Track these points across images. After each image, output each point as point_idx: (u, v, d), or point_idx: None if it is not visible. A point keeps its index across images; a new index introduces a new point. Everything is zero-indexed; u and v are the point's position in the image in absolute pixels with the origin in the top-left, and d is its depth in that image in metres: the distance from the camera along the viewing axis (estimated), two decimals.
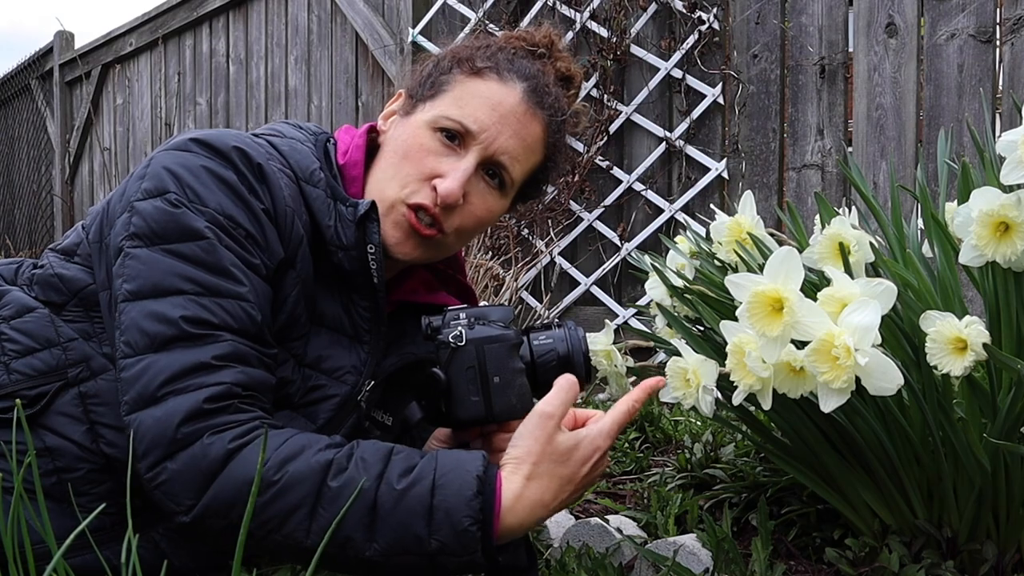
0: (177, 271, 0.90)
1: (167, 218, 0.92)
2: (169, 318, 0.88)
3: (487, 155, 1.05)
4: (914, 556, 1.16)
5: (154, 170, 0.95)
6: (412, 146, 1.05)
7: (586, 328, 1.07)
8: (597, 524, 1.39)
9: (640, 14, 3.00)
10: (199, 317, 0.89)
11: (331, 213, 1.02)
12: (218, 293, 0.91)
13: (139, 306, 0.90)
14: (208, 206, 0.93)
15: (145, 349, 0.88)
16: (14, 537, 0.75)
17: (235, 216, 0.94)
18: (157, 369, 0.87)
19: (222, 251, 0.92)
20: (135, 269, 0.91)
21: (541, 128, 1.09)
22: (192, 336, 0.88)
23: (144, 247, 0.92)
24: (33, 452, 0.82)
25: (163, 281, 0.90)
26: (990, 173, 1.12)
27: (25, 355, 0.97)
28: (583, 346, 1.01)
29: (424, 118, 1.06)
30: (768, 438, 1.38)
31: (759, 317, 0.98)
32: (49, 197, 6.37)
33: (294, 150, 1.04)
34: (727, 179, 2.83)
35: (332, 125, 4.16)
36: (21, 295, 1.01)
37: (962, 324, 0.98)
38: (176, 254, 0.91)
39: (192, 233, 0.92)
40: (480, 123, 1.04)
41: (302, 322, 1.02)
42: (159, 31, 5.24)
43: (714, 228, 1.39)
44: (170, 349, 0.88)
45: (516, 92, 1.06)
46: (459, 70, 1.07)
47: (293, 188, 1.01)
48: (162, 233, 0.92)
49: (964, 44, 2.32)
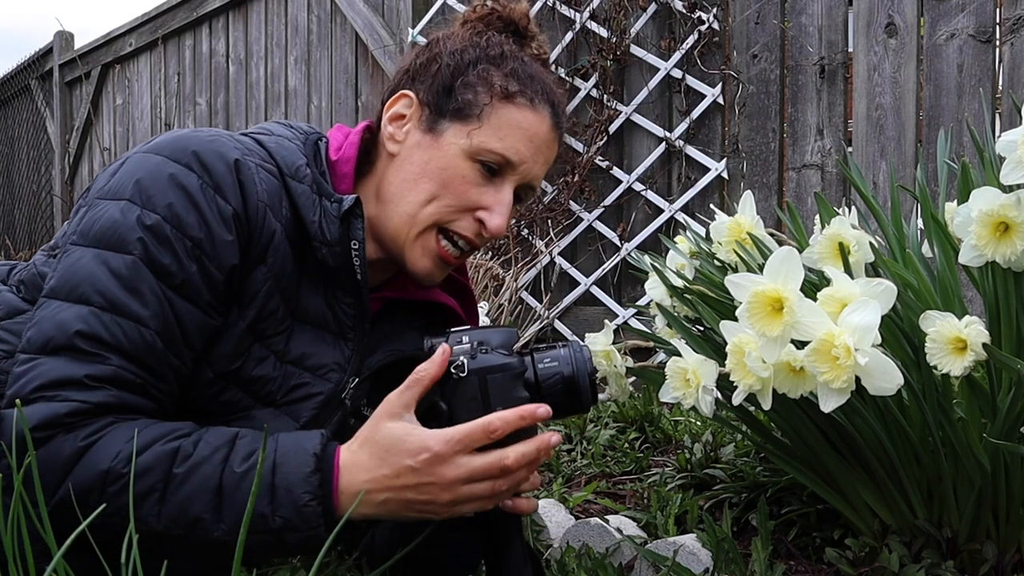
0: (93, 281, 0.92)
1: (109, 224, 0.94)
2: (66, 328, 0.91)
3: (523, 183, 1.09)
4: (914, 556, 1.16)
5: (125, 171, 0.97)
6: (453, 176, 1.05)
7: (586, 328, 1.07)
8: (597, 524, 1.39)
9: (640, 14, 3.00)
10: (94, 333, 0.91)
11: (316, 208, 1.03)
12: (121, 312, 0.92)
13: (52, 306, 0.93)
14: (157, 212, 0.94)
15: (39, 350, 0.91)
16: (14, 537, 0.75)
17: (184, 223, 0.94)
18: (38, 372, 0.90)
19: (143, 270, 0.93)
20: (64, 267, 0.94)
21: (558, 146, 1.13)
22: (80, 351, 0.91)
23: (82, 246, 0.95)
24: (33, 452, 0.82)
25: (79, 286, 0.93)
26: (990, 173, 1.12)
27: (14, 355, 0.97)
28: (589, 367, 0.99)
29: (461, 146, 1.05)
30: (768, 438, 1.38)
31: (759, 317, 0.98)
32: (49, 197, 6.37)
33: (280, 146, 1.05)
34: (727, 179, 2.83)
35: (332, 125, 4.14)
36: (10, 296, 1.02)
37: (962, 324, 0.98)
38: (102, 261, 0.93)
39: (123, 244, 0.93)
40: (520, 156, 1.06)
41: (279, 317, 1.02)
42: (159, 31, 5.25)
43: (714, 228, 1.39)
44: (58, 356, 0.90)
45: (546, 119, 1.09)
46: (488, 92, 1.06)
47: (273, 183, 1.01)
48: (101, 237, 0.94)
49: (964, 44, 2.33)
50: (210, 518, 0.89)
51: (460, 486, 0.91)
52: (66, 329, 0.91)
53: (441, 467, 0.90)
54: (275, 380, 1.02)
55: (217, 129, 1.03)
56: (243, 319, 0.99)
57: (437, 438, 0.91)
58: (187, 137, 0.99)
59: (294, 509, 0.89)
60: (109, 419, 0.91)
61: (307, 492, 0.89)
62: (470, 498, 0.92)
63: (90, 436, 0.89)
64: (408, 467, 0.90)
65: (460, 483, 0.91)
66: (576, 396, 0.98)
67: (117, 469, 0.88)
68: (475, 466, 0.91)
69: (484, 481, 0.92)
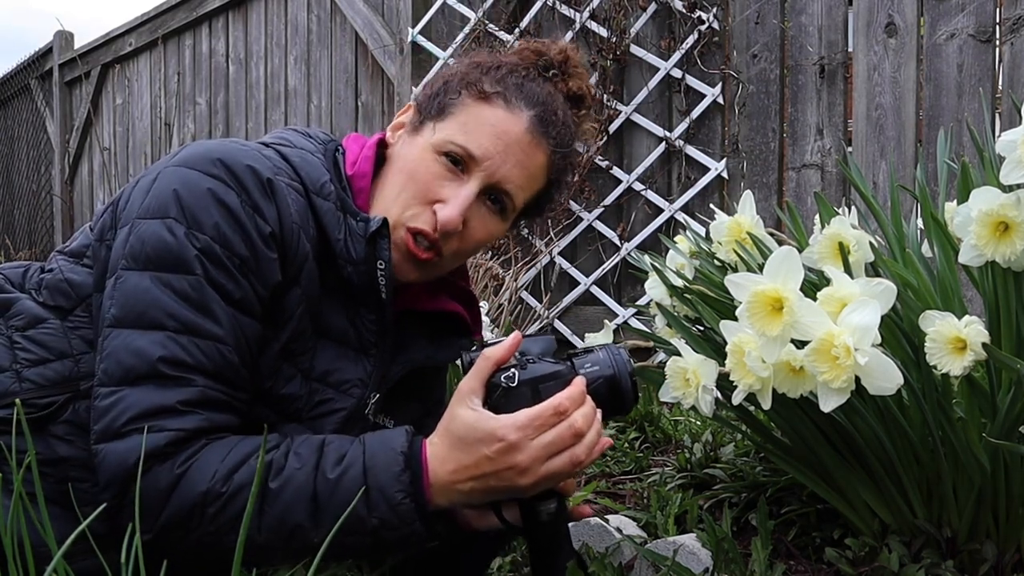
0: (162, 305, 0.92)
1: (162, 246, 0.93)
2: (146, 355, 0.91)
3: (490, 183, 1.06)
4: (914, 556, 1.16)
5: (159, 188, 0.96)
6: (417, 168, 1.05)
7: (586, 328, 1.07)
8: (597, 524, 1.39)
9: (640, 14, 3.00)
10: (175, 357, 0.91)
11: (341, 227, 1.02)
12: (197, 333, 0.92)
13: (123, 335, 0.92)
14: (205, 233, 0.94)
15: (120, 382, 0.91)
16: (14, 538, 0.75)
17: (231, 243, 0.94)
18: (126, 404, 0.90)
19: (207, 289, 0.93)
20: (124, 294, 0.93)
21: (545, 156, 1.09)
22: (165, 376, 0.91)
23: (136, 270, 0.94)
24: (33, 452, 0.82)
25: (147, 312, 0.92)
26: (990, 173, 1.12)
27: (38, 365, 0.97)
28: (629, 367, 0.99)
29: (430, 140, 1.06)
30: (768, 438, 1.38)
31: (759, 317, 0.98)
32: (49, 197, 6.37)
33: (304, 161, 1.04)
34: (727, 179, 2.83)
35: (332, 125, 4.16)
36: (31, 304, 1.00)
37: (962, 324, 0.98)
38: (164, 284, 0.93)
39: (183, 265, 0.93)
40: (484, 150, 1.04)
41: (307, 336, 1.02)
42: (159, 31, 5.24)
43: (714, 228, 1.39)
44: (142, 385, 0.91)
45: (522, 121, 1.06)
46: (467, 93, 1.06)
47: (301, 202, 1.01)
48: (156, 260, 0.93)
49: (964, 44, 2.33)
50: (309, 526, 0.90)
51: (539, 466, 0.92)
52: (147, 357, 0.91)
53: (515, 455, 0.91)
54: (302, 398, 1.03)
55: (242, 141, 1.02)
56: (278, 340, 1.00)
57: (507, 426, 0.91)
58: (218, 150, 0.98)
59: (389, 508, 0.90)
60: (202, 442, 0.92)
61: (400, 491, 0.91)
62: (551, 475, 0.93)
63: (185, 462, 0.90)
64: (485, 456, 0.91)
65: (538, 463, 0.92)
66: (620, 396, 0.99)
67: (216, 489, 0.89)
68: (548, 441, 0.92)
69: (561, 454, 0.92)
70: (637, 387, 1.00)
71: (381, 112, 3.87)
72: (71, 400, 0.97)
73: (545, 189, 1.13)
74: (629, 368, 0.99)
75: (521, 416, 0.91)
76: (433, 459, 0.93)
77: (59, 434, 0.97)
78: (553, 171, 1.11)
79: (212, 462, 0.90)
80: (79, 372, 0.98)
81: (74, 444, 0.97)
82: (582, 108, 1.15)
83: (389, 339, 1.10)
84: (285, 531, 0.90)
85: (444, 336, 1.17)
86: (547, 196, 1.15)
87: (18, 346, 0.98)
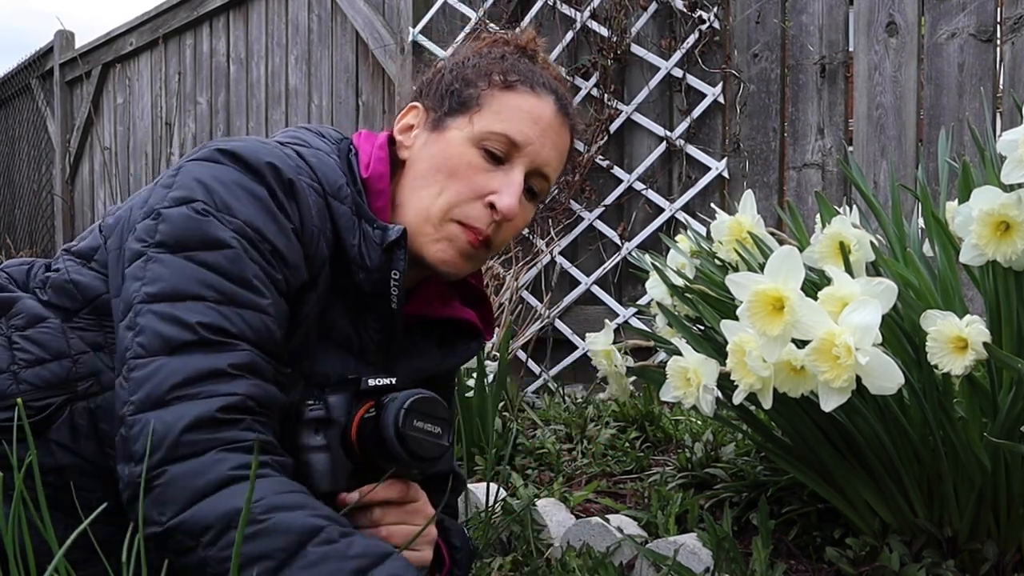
0: (199, 277, 0.89)
1: (194, 226, 0.91)
2: (186, 322, 0.87)
3: (532, 168, 1.06)
4: (914, 555, 1.16)
5: (183, 180, 0.94)
6: (459, 164, 1.04)
7: (586, 327, 1.07)
8: (598, 523, 1.39)
9: (640, 13, 3.00)
10: (217, 324, 0.87)
11: (355, 231, 1.01)
12: (238, 303, 0.89)
13: (157, 308, 0.88)
14: (237, 217, 0.92)
15: (159, 351, 0.86)
16: (15, 538, 0.75)
17: (263, 230, 0.92)
18: (169, 371, 0.85)
19: (246, 262, 0.90)
20: (156, 272, 0.90)
21: (570, 138, 1.11)
22: (209, 342, 0.86)
23: (168, 253, 0.90)
24: (34, 452, 0.81)
25: (184, 286, 0.88)
26: (991, 172, 1.12)
27: (35, 365, 0.95)
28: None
29: (464, 134, 1.05)
30: (769, 437, 1.38)
31: (760, 316, 0.98)
32: (49, 197, 6.37)
33: (322, 163, 1.03)
34: (727, 178, 2.83)
35: (332, 125, 4.15)
36: (33, 303, 0.99)
37: (963, 323, 0.98)
38: (200, 262, 0.89)
39: (218, 242, 0.90)
40: (525, 136, 1.05)
41: (311, 340, 1.01)
42: (159, 31, 5.24)
43: (714, 227, 1.39)
44: (186, 353, 0.86)
45: (550, 104, 1.07)
46: (490, 83, 1.06)
47: (320, 204, 0.99)
48: (187, 241, 0.90)
49: (965, 43, 2.32)
50: None
51: None
52: (188, 323, 0.86)
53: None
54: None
55: (263, 139, 1.01)
56: (291, 342, 0.98)
57: None
58: (241, 148, 0.96)
59: None
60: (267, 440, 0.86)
61: None
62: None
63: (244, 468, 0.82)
64: None
65: None
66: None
67: (252, 514, 0.79)
68: None
69: None
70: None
71: (382, 112, 3.87)
72: (68, 402, 0.95)
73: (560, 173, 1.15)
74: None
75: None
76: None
77: (58, 439, 0.94)
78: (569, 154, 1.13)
79: (267, 488, 0.82)
80: (76, 373, 0.96)
81: (74, 450, 0.94)
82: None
83: (394, 346, 1.09)
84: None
85: (454, 340, 1.16)
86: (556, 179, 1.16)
87: (16, 347, 0.96)
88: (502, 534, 1.48)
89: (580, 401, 2.47)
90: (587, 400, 2.45)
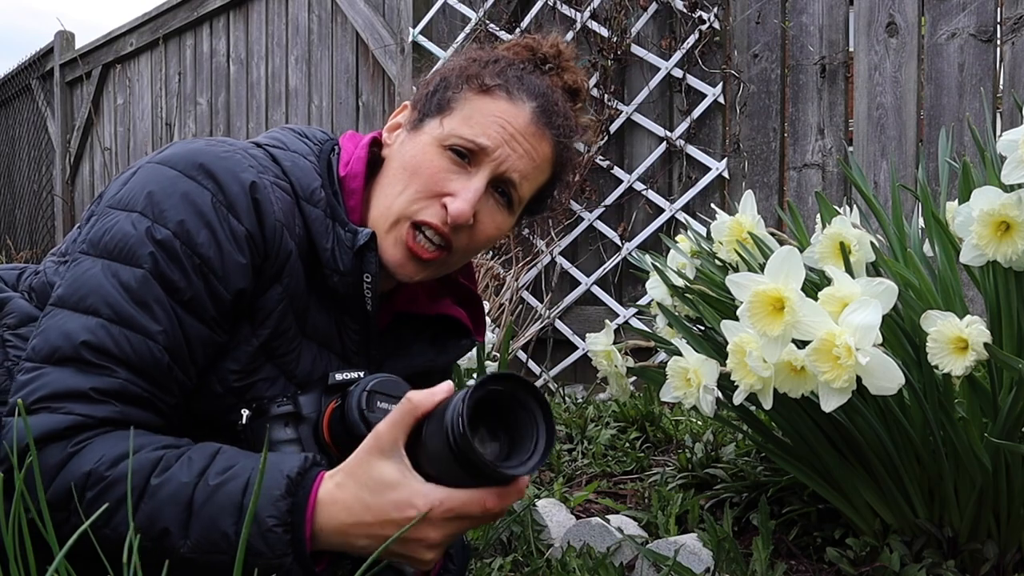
0: (102, 292, 0.91)
1: (120, 236, 0.93)
2: (73, 339, 0.90)
3: (497, 173, 1.05)
4: (915, 555, 1.16)
5: (135, 182, 0.97)
6: (422, 163, 1.04)
7: (587, 328, 1.07)
8: (598, 524, 1.39)
9: (640, 14, 3.00)
10: (101, 345, 0.90)
11: (329, 236, 1.01)
12: (130, 325, 0.91)
13: (60, 315, 0.92)
14: (168, 227, 0.93)
15: (44, 360, 0.90)
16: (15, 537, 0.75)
17: (194, 241, 0.93)
18: (42, 382, 0.89)
19: (153, 284, 0.92)
20: (72, 276, 0.93)
21: (550, 147, 1.09)
22: (86, 362, 0.89)
23: (90, 256, 0.94)
24: (34, 453, 0.81)
25: (87, 297, 0.92)
26: (991, 172, 1.12)
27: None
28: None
29: (433, 135, 1.05)
30: (769, 438, 1.38)
31: (760, 316, 0.98)
32: (50, 197, 6.37)
33: (296, 166, 1.03)
34: (728, 179, 2.83)
35: (332, 125, 4.16)
36: (23, 303, 1.01)
37: (963, 324, 0.98)
38: (112, 273, 0.92)
39: (134, 258, 0.92)
40: (491, 139, 1.04)
41: (290, 335, 1.01)
42: (160, 31, 5.25)
43: (715, 228, 1.39)
44: (63, 367, 0.89)
45: (525, 111, 1.06)
46: (468, 87, 1.06)
47: (287, 201, 1.00)
48: (110, 248, 0.93)
49: (965, 43, 2.32)
50: (177, 532, 0.85)
51: (444, 543, 0.86)
52: (73, 339, 0.89)
53: (429, 531, 0.83)
54: None
55: (231, 142, 1.02)
56: (256, 337, 0.99)
57: (430, 499, 0.82)
58: (201, 152, 0.97)
59: (257, 532, 0.82)
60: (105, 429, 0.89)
61: (273, 516, 0.82)
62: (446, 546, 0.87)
63: (79, 443, 0.87)
64: (392, 521, 0.83)
65: (447, 541, 0.85)
66: None
67: (99, 472, 0.85)
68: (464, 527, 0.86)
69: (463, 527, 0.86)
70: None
71: (382, 112, 3.87)
72: None
73: (549, 183, 1.13)
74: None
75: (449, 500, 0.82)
76: (329, 501, 0.85)
77: None
78: (556, 164, 1.11)
79: (103, 447, 0.87)
80: None
81: None
82: (578, 101, 1.15)
83: (372, 348, 1.09)
84: (154, 532, 0.85)
85: (445, 338, 1.17)
86: (549, 190, 1.14)
87: (9, 344, 0.98)
88: (502, 534, 1.48)
89: (580, 401, 2.47)
90: (587, 400, 2.45)
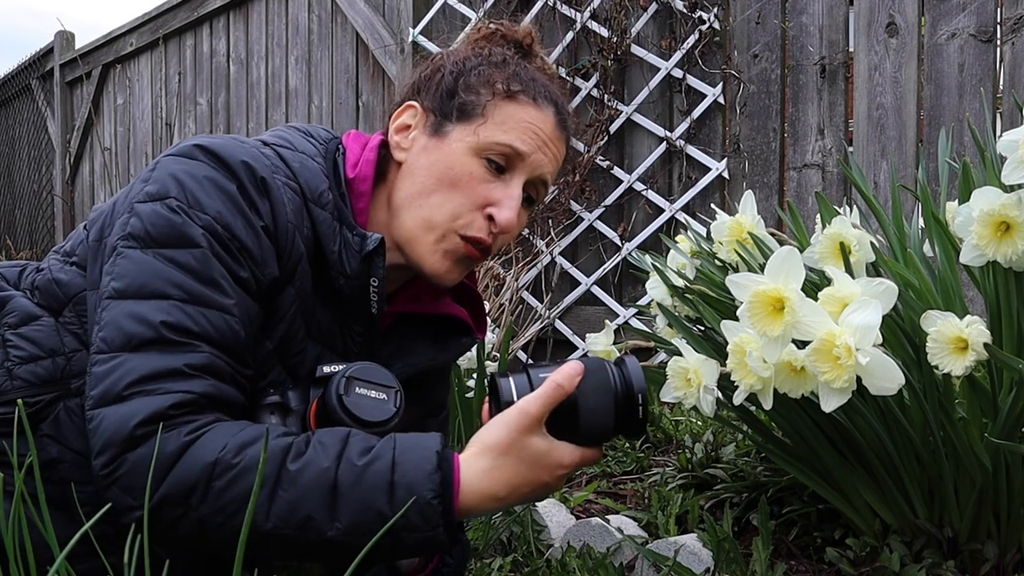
0: (166, 275, 0.90)
1: (164, 223, 0.92)
2: (150, 321, 0.88)
3: (532, 178, 1.08)
4: (915, 556, 1.16)
5: (159, 174, 0.96)
6: (461, 175, 1.04)
7: (587, 328, 1.07)
8: (598, 524, 1.39)
9: (640, 14, 3.00)
10: (180, 324, 0.89)
11: (336, 239, 1.02)
12: (203, 303, 0.90)
13: (122, 305, 0.90)
14: (207, 213, 0.93)
15: (120, 348, 0.88)
16: (15, 538, 0.75)
17: (233, 227, 0.93)
18: (128, 368, 0.87)
19: (213, 262, 0.92)
20: (125, 268, 0.91)
21: (566, 148, 1.13)
22: (170, 342, 0.88)
23: (138, 248, 0.92)
24: (34, 453, 0.81)
25: (150, 283, 0.90)
26: (991, 172, 1.12)
27: (29, 362, 0.97)
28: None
29: (467, 143, 1.05)
30: (769, 438, 1.38)
31: (760, 317, 0.98)
32: (50, 197, 6.37)
33: (304, 167, 1.03)
34: (728, 179, 2.83)
35: (332, 125, 4.16)
36: (25, 301, 1.00)
37: (963, 324, 0.98)
38: (168, 259, 0.91)
39: (187, 240, 0.92)
40: (528, 146, 1.06)
41: (299, 338, 1.02)
42: (160, 31, 5.25)
43: (715, 228, 1.39)
44: (145, 351, 0.87)
45: (550, 117, 1.09)
46: (493, 92, 1.07)
47: (297, 202, 1.00)
48: (157, 237, 0.92)
49: (965, 44, 2.32)
50: (323, 517, 0.85)
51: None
52: (151, 321, 0.88)
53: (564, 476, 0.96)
54: None
55: (241, 138, 1.02)
56: (270, 340, 0.99)
57: (573, 457, 0.94)
58: (216, 145, 0.98)
59: (415, 507, 0.85)
60: (212, 416, 0.88)
61: (430, 490, 0.86)
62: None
63: (195, 431, 0.86)
64: (543, 482, 0.93)
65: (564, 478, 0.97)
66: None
67: (226, 460, 0.84)
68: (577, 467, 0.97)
69: None
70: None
71: (382, 112, 3.87)
72: (60, 399, 0.96)
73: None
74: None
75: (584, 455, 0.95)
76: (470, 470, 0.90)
77: (47, 433, 0.96)
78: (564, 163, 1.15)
79: (224, 434, 0.86)
80: (70, 370, 0.97)
81: (61, 443, 0.96)
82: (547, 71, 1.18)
83: (376, 350, 1.09)
84: (296, 520, 0.84)
85: (447, 337, 1.17)
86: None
87: (10, 344, 0.97)
88: (502, 534, 1.48)
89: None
90: None
